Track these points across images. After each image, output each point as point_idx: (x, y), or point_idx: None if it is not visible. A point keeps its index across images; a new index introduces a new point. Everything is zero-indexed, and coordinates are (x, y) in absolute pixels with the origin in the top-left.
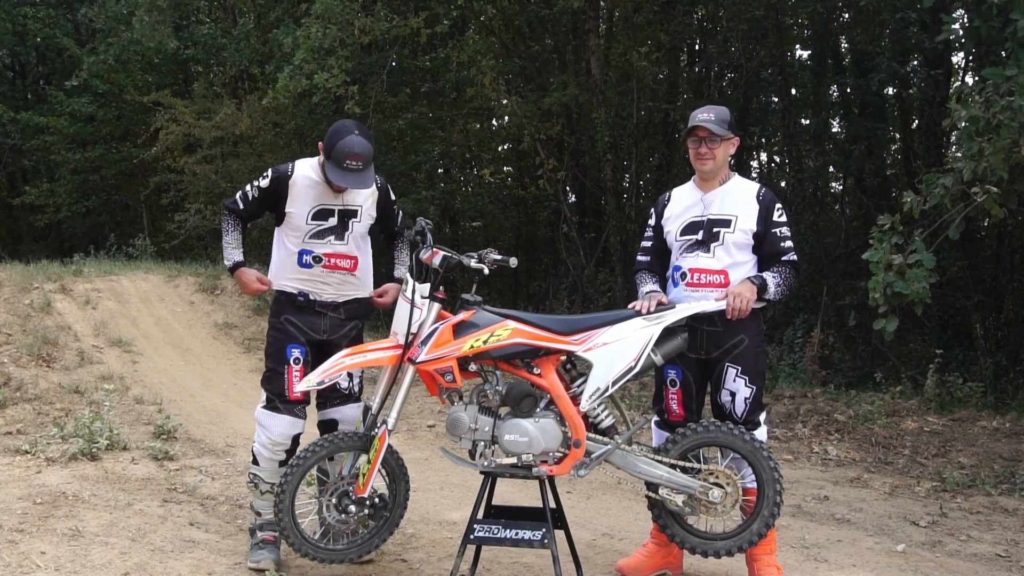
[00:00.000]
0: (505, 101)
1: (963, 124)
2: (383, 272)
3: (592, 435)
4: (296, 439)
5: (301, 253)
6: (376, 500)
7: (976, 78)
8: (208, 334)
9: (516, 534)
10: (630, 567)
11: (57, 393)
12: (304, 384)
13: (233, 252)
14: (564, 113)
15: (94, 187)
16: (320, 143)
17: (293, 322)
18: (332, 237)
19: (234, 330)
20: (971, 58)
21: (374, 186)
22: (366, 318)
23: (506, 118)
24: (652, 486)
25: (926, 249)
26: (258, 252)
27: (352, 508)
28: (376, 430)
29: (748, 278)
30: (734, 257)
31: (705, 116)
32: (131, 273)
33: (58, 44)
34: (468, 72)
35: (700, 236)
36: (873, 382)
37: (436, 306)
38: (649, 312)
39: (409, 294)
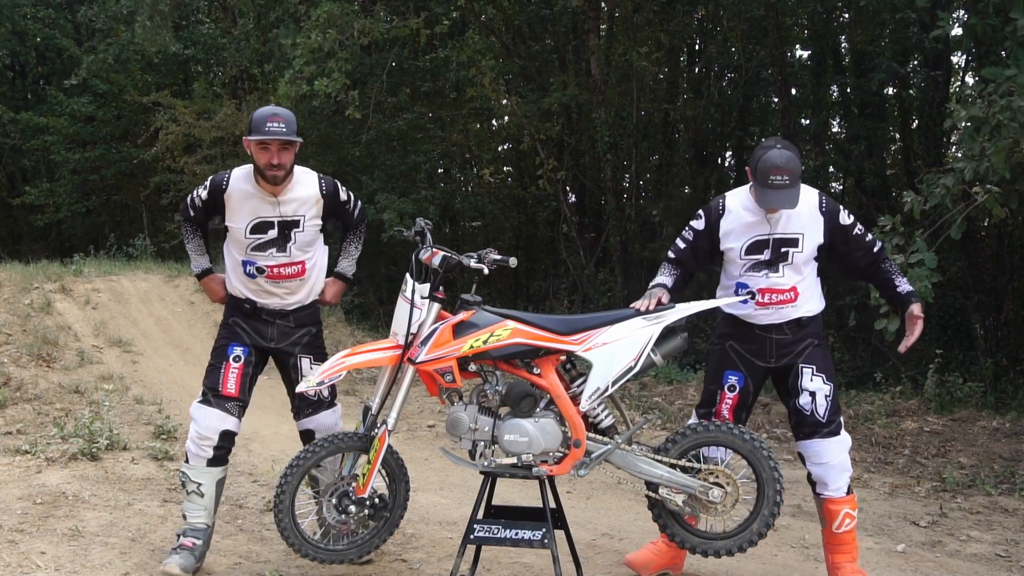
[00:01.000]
0: (505, 101)
1: (963, 124)
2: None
3: (592, 435)
4: (226, 436)
5: (244, 263)
6: (376, 500)
7: (976, 79)
8: (208, 334)
9: (516, 534)
10: (639, 562)
11: (57, 393)
12: (304, 385)
13: (200, 259)
14: (564, 113)
15: (94, 187)
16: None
17: (241, 326)
18: (273, 250)
19: None
20: (971, 58)
21: (319, 192)
22: (321, 323)
23: (506, 118)
24: (652, 486)
25: (928, 249)
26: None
27: (352, 508)
28: (376, 430)
29: (916, 302)
30: (802, 273)
31: (780, 180)
32: (131, 273)
33: (58, 44)
34: (468, 72)
35: (767, 256)
36: (873, 382)
37: (436, 306)
38: (648, 311)
39: (409, 294)
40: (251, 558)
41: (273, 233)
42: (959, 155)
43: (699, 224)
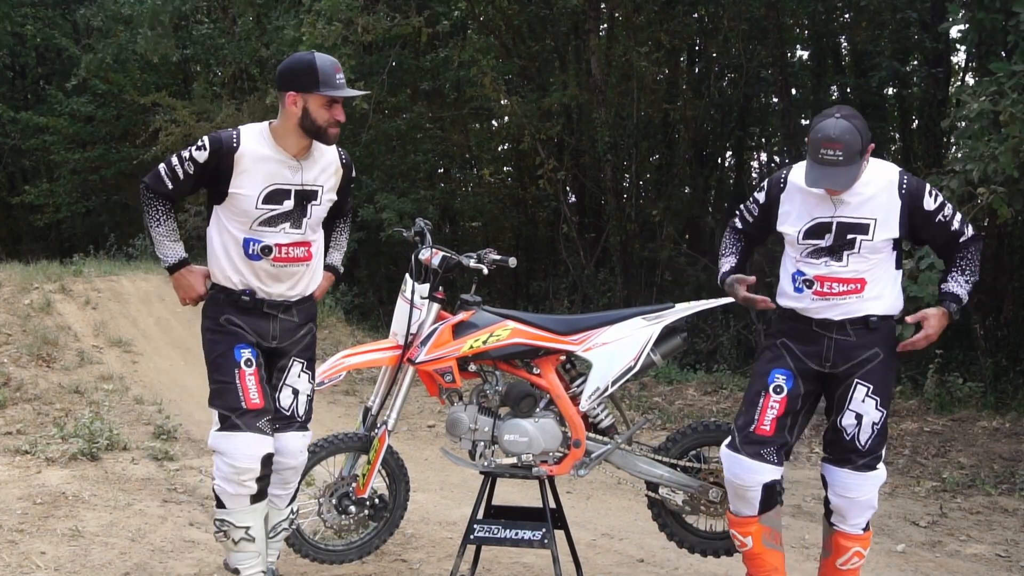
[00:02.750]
0: (505, 101)
1: (962, 124)
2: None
3: (592, 435)
4: (268, 461)
5: (248, 242)
6: (376, 501)
7: (976, 79)
8: None
9: (516, 534)
10: None
11: (57, 393)
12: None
13: (174, 245)
14: (564, 113)
15: (94, 187)
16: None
17: (237, 323)
18: (286, 225)
19: None
20: (971, 58)
21: (339, 162)
22: (315, 319)
23: (506, 118)
24: (652, 486)
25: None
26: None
27: (352, 509)
28: (376, 430)
29: (944, 307)
30: (871, 262)
31: (832, 155)
32: (131, 273)
33: (57, 45)
34: (468, 72)
35: (828, 242)
36: None
37: (435, 306)
38: (755, 297)
39: (408, 294)
40: None
41: (289, 204)
42: (959, 156)
43: (761, 196)
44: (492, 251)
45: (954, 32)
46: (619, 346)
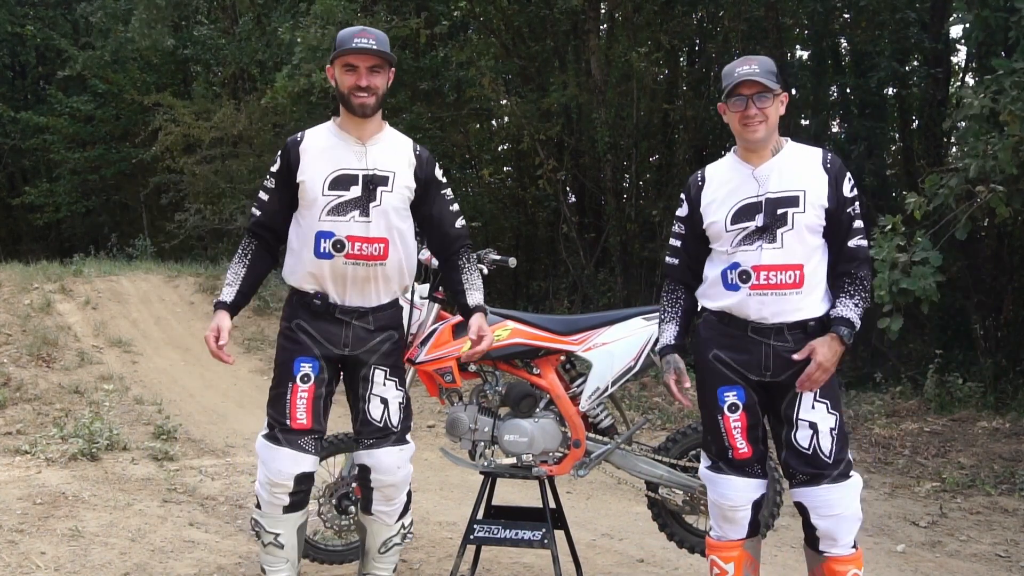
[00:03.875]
0: (505, 101)
1: (963, 124)
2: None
3: (592, 435)
4: (303, 479)
5: (318, 237)
6: None
7: (976, 79)
8: None
9: (516, 534)
10: None
11: (57, 393)
12: None
13: (225, 289)
14: (564, 113)
15: (94, 187)
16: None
17: (306, 330)
18: (356, 212)
19: (234, 330)
20: (971, 58)
21: (412, 153)
22: (403, 329)
23: (506, 118)
24: (652, 486)
25: (932, 247)
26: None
27: (352, 509)
28: None
29: (834, 333)
30: (807, 244)
31: (748, 69)
32: (131, 273)
33: (57, 46)
34: (468, 72)
35: (760, 221)
36: (873, 382)
37: (435, 306)
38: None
39: (408, 294)
40: (251, 558)
41: (356, 190)
42: (959, 154)
43: (683, 210)
44: (492, 251)
45: (955, 32)
46: (619, 346)
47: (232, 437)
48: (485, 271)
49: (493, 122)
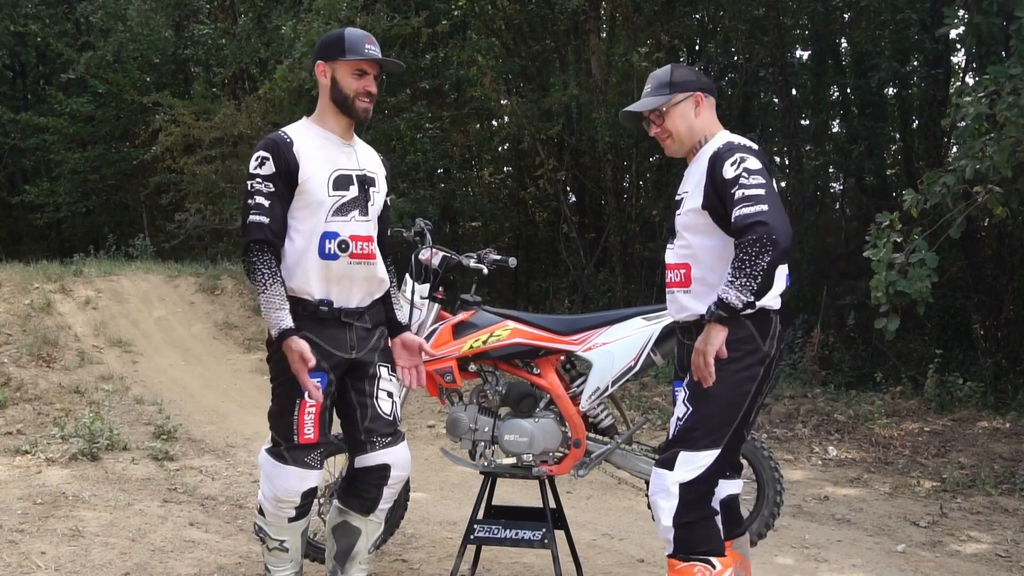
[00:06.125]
0: (505, 101)
1: (962, 124)
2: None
3: (592, 435)
4: (309, 495)
5: (324, 238)
6: None
7: (976, 79)
8: (208, 334)
9: (516, 534)
10: None
11: (57, 393)
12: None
13: (278, 314)
14: (564, 113)
15: (94, 187)
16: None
17: (313, 341)
18: (356, 212)
19: (234, 330)
20: (971, 58)
21: (379, 157)
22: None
23: (506, 118)
24: None
25: (928, 248)
26: None
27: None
28: None
29: (709, 315)
30: (694, 245)
31: (637, 103)
32: (131, 273)
33: (56, 48)
34: (468, 72)
35: (673, 225)
36: (873, 382)
37: (435, 306)
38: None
39: (408, 294)
40: (251, 558)
41: (354, 191)
42: (958, 154)
43: None
44: (492, 251)
45: (953, 34)
46: (619, 346)
47: (232, 437)
48: (486, 271)
49: (493, 122)
